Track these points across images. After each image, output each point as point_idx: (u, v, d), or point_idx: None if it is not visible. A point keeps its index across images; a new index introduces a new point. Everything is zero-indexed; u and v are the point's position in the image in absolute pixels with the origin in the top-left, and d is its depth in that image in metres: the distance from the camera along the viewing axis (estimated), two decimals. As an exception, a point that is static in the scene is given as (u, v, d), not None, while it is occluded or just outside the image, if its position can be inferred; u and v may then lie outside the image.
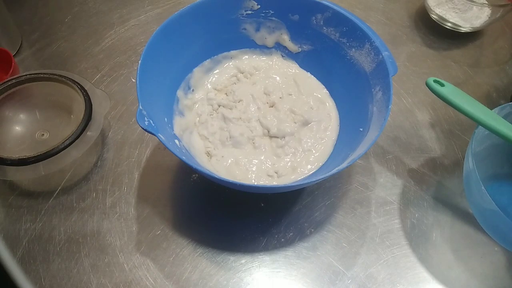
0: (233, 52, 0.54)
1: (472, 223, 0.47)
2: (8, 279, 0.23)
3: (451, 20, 0.64)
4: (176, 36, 0.48)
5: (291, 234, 0.46)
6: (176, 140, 0.45)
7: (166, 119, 0.47)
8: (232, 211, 0.48)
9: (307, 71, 0.55)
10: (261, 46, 0.55)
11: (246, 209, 0.48)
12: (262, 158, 0.48)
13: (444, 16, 0.64)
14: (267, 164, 0.47)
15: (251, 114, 0.50)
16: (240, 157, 0.47)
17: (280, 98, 0.52)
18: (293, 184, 0.45)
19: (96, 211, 0.47)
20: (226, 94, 0.52)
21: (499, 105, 0.45)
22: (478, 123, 0.42)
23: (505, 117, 0.44)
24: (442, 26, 0.65)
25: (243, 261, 0.45)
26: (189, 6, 0.48)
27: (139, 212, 0.47)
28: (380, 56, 0.45)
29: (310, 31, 0.52)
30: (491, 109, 0.44)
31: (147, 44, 0.44)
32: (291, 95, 0.52)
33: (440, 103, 0.45)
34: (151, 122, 0.39)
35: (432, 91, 0.44)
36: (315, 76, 0.54)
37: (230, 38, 0.53)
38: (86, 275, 0.43)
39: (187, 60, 0.51)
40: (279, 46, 0.55)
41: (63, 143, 0.45)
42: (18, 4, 0.65)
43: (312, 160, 0.48)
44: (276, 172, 0.47)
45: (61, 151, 0.44)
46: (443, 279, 0.44)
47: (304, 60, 0.54)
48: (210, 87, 0.53)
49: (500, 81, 0.60)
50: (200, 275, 0.43)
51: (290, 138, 0.49)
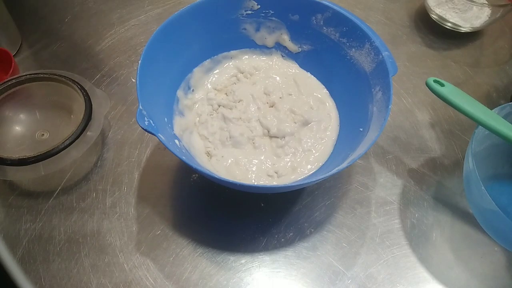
0: (233, 52, 0.54)
1: (472, 223, 0.47)
2: (8, 279, 0.23)
3: (451, 20, 0.64)
4: (176, 36, 0.48)
5: (291, 234, 0.46)
6: (176, 140, 0.45)
7: (166, 119, 0.47)
8: (232, 211, 0.48)
9: (307, 71, 0.55)
10: (261, 46, 0.55)
11: (246, 209, 0.48)
12: (262, 158, 0.48)
13: (444, 16, 0.64)
14: (267, 164, 0.47)
15: (251, 114, 0.50)
16: (240, 157, 0.47)
17: (280, 98, 0.52)
18: (293, 184, 0.45)
19: (96, 211, 0.47)
20: (226, 94, 0.52)
21: (499, 105, 0.45)
22: (478, 123, 0.42)
23: (505, 117, 0.44)
24: (442, 26, 0.65)
25: (243, 261, 0.45)
26: (189, 6, 0.48)
27: (139, 212, 0.47)
28: (380, 56, 0.45)
29: (310, 31, 0.52)
30: (491, 109, 0.44)
31: (147, 44, 0.44)
32: (291, 95, 0.52)
33: (440, 103, 0.45)
34: (151, 122, 0.39)
35: (432, 91, 0.44)
36: (315, 76, 0.54)
37: (230, 38, 0.53)
38: (86, 275, 0.43)
39: (187, 60, 0.51)
40: (279, 46, 0.55)
41: (63, 143, 0.45)
42: (18, 4, 0.65)
43: (312, 160, 0.48)
44: (276, 172, 0.47)
45: (61, 151, 0.44)
46: (443, 279, 0.44)
47: (304, 60, 0.54)
48: (210, 87, 0.53)
49: (500, 81, 0.60)
50: (200, 275, 0.43)
51: (290, 138, 0.49)
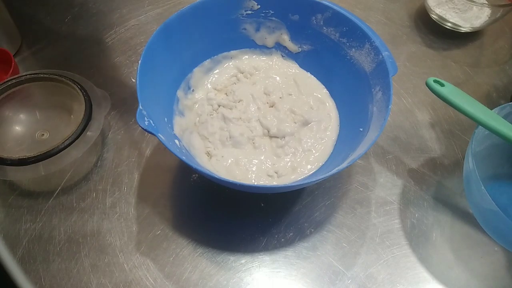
0: (233, 52, 0.54)
1: (472, 223, 0.47)
2: (8, 279, 0.23)
3: (451, 20, 0.64)
4: (176, 36, 0.48)
5: (291, 234, 0.46)
6: (176, 140, 0.45)
7: (166, 119, 0.47)
8: (232, 211, 0.48)
9: (307, 71, 0.55)
10: (261, 46, 0.55)
11: (246, 209, 0.48)
12: (262, 158, 0.48)
13: (444, 16, 0.64)
14: (267, 164, 0.47)
15: (251, 114, 0.50)
16: (240, 157, 0.47)
17: (280, 98, 0.52)
18: (293, 184, 0.45)
19: (96, 211, 0.47)
20: (226, 94, 0.52)
21: (499, 105, 0.45)
22: (478, 123, 0.42)
23: (505, 117, 0.44)
24: (442, 26, 0.65)
25: (243, 261, 0.45)
26: (189, 6, 0.48)
27: (139, 212, 0.47)
28: (380, 56, 0.45)
29: (310, 31, 0.52)
30: (491, 109, 0.44)
31: (147, 44, 0.44)
32: (291, 95, 0.52)
33: (440, 103, 0.45)
34: (151, 122, 0.39)
35: (432, 91, 0.44)
36: (315, 76, 0.54)
37: (230, 38, 0.53)
38: (86, 275, 0.43)
39: (187, 60, 0.51)
40: (279, 46, 0.55)
41: (63, 143, 0.45)
42: (18, 4, 0.65)
43: (312, 160, 0.48)
44: (276, 172, 0.47)
45: (61, 151, 0.45)
46: (443, 279, 0.44)
47: (304, 60, 0.54)
48: (210, 87, 0.53)
49: (500, 81, 0.60)
50: (200, 275, 0.43)
51: (290, 138, 0.49)
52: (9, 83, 0.48)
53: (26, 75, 0.49)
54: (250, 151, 0.48)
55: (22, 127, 0.50)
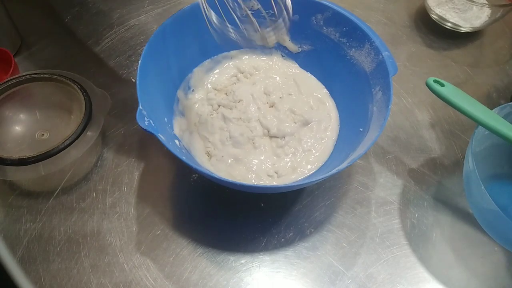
0: (233, 52, 0.54)
1: (472, 223, 0.47)
2: (8, 279, 0.23)
3: (451, 20, 0.64)
4: (176, 36, 0.48)
5: (291, 234, 0.46)
6: (176, 140, 0.45)
7: (166, 119, 0.47)
8: (232, 211, 0.48)
9: (307, 71, 0.55)
10: (261, 46, 0.55)
11: (246, 209, 0.48)
12: (262, 158, 0.48)
13: (444, 16, 0.64)
14: (267, 164, 0.47)
15: (251, 114, 0.50)
16: (240, 157, 0.47)
17: (280, 98, 0.52)
18: (293, 184, 0.45)
19: (96, 211, 0.47)
20: (226, 94, 0.52)
21: (499, 105, 0.45)
22: (478, 123, 0.42)
23: (505, 117, 0.44)
24: (442, 26, 0.65)
25: (243, 261, 0.45)
26: (189, 6, 0.48)
27: (139, 212, 0.47)
28: (380, 56, 0.45)
29: (310, 31, 0.52)
30: (491, 109, 0.44)
31: (147, 44, 0.44)
32: (291, 95, 0.52)
33: (440, 103, 0.45)
34: (151, 122, 0.39)
35: (432, 91, 0.44)
36: (315, 76, 0.54)
37: (230, 38, 0.53)
38: (86, 275, 0.43)
39: (187, 60, 0.51)
40: (279, 46, 0.55)
41: (63, 143, 0.45)
42: (18, 4, 0.65)
43: (312, 160, 0.48)
44: (276, 172, 0.47)
45: (61, 151, 0.44)
46: (443, 279, 0.44)
47: (304, 60, 0.54)
48: (210, 87, 0.53)
49: (500, 81, 0.60)
50: (200, 275, 0.43)
51: (290, 138, 0.49)
52: (9, 83, 0.48)
53: (26, 75, 0.49)
54: (250, 151, 0.48)
55: (22, 127, 0.50)
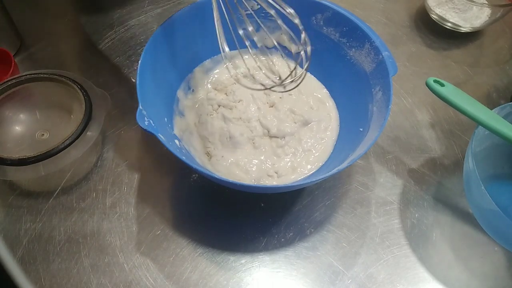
0: (233, 52, 0.54)
1: (472, 223, 0.47)
2: (8, 279, 0.23)
3: (451, 20, 0.64)
4: (176, 36, 0.48)
5: (291, 234, 0.46)
6: (176, 140, 0.45)
7: (166, 119, 0.47)
8: (232, 211, 0.48)
9: (307, 71, 0.54)
10: (261, 46, 0.55)
11: (246, 209, 0.48)
12: (262, 158, 0.48)
13: (444, 16, 0.64)
14: (267, 164, 0.47)
15: (251, 114, 0.50)
16: (240, 157, 0.47)
17: (280, 98, 0.52)
18: (293, 184, 0.45)
19: (96, 211, 0.47)
20: (226, 94, 0.52)
21: (499, 105, 0.45)
22: (478, 123, 0.42)
23: (505, 117, 0.44)
24: (442, 26, 0.65)
25: (243, 261, 0.45)
26: (189, 6, 0.48)
27: (139, 212, 0.47)
28: (380, 56, 0.45)
29: (310, 31, 0.51)
30: (491, 109, 0.44)
31: (147, 44, 0.44)
32: (291, 95, 0.52)
33: (440, 103, 0.45)
34: (151, 122, 0.39)
35: (432, 91, 0.44)
36: (315, 76, 0.54)
37: (230, 38, 0.53)
38: (86, 275, 0.43)
39: (187, 60, 0.51)
40: (279, 46, 0.54)
41: (63, 143, 0.45)
42: (18, 4, 0.65)
43: (312, 160, 0.48)
44: (276, 172, 0.47)
45: (61, 151, 0.44)
46: (443, 279, 0.44)
47: (304, 60, 0.54)
48: (210, 87, 0.53)
49: (500, 81, 0.60)
50: (200, 275, 0.43)
51: (290, 138, 0.49)
52: (9, 83, 0.48)
53: (26, 75, 0.49)
54: (250, 151, 0.48)
55: (22, 127, 0.50)
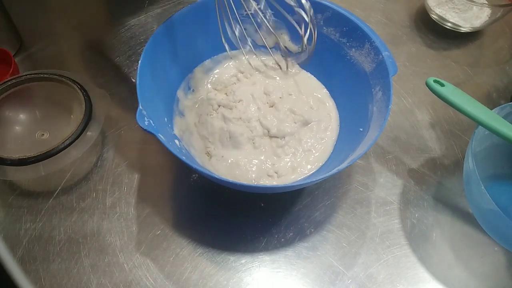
0: (233, 52, 0.54)
1: (472, 223, 0.47)
2: (8, 279, 0.23)
3: (451, 20, 0.64)
4: (176, 36, 0.48)
5: (291, 234, 0.46)
6: (176, 140, 0.45)
7: (166, 119, 0.47)
8: (232, 211, 0.48)
9: (307, 71, 0.55)
10: (261, 46, 0.55)
11: (246, 209, 0.48)
12: (262, 158, 0.48)
13: (444, 16, 0.64)
14: (267, 164, 0.47)
15: (251, 114, 0.50)
16: (240, 157, 0.47)
17: (280, 98, 0.52)
18: (293, 184, 0.45)
19: (96, 211, 0.47)
20: (226, 94, 0.52)
21: (499, 105, 0.45)
22: (478, 123, 0.42)
23: (505, 117, 0.44)
24: (442, 26, 0.65)
25: (243, 261, 0.45)
26: (189, 6, 0.48)
27: (139, 212, 0.47)
28: (380, 56, 0.45)
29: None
30: (491, 109, 0.44)
31: (147, 44, 0.44)
32: (291, 95, 0.52)
33: (440, 103, 0.45)
34: (151, 122, 0.39)
35: (432, 91, 0.44)
36: (315, 76, 0.54)
37: (230, 38, 0.53)
38: (86, 275, 0.43)
39: (187, 60, 0.51)
40: (279, 46, 0.54)
41: (63, 143, 0.45)
42: (18, 4, 0.65)
43: (312, 160, 0.48)
44: (276, 172, 0.47)
45: (61, 151, 0.44)
46: (443, 279, 0.44)
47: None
48: (210, 87, 0.53)
49: (500, 81, 0.60)
50: (200, 275, 0.43)
51: (290, 138, 0.49)
52: (9, 83, 0.48)
53: (26, 75, 0.49)
54: (250, 151, 0.48)
55: (22, 127, 0.50)
